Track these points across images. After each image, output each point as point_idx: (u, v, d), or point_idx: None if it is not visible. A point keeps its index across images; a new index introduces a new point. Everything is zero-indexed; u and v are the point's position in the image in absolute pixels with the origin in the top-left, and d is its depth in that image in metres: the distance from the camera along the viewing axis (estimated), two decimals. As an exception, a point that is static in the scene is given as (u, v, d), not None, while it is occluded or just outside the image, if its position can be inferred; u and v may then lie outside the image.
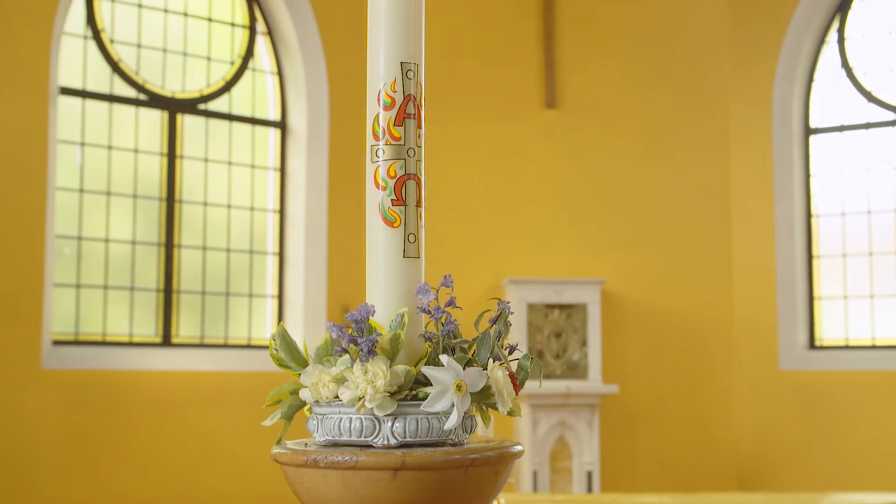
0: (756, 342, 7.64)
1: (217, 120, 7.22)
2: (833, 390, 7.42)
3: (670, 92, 7.91)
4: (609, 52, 7.97)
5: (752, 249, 7.70)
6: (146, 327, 6.81)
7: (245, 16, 7.41)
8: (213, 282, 7.11)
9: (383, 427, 1.53)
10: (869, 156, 7.65)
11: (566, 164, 7.87)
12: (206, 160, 7.14)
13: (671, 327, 7.74)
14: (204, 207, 7.11)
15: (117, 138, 6.79)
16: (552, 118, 7.88)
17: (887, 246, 7.51)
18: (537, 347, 7.35)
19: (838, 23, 7.74)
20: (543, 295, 7.36)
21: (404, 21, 1.62)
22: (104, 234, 6.68)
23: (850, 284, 7.61)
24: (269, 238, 7.40)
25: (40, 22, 6.33)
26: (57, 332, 6.42)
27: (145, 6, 7.00)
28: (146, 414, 6.53)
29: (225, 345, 7.08)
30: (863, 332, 7.55)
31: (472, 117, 7.78)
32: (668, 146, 7.88)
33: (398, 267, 1.61)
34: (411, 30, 1.63)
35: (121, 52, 6.85)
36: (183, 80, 7.12)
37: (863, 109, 7.68)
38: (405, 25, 1.62)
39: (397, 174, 1.61)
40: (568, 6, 7.96)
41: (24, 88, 6.26)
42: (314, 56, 7.38)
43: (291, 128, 7.45)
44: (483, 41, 7.92)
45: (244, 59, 7.37)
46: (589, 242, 7.79)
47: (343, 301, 7.21)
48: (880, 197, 7.58)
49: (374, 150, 1.62)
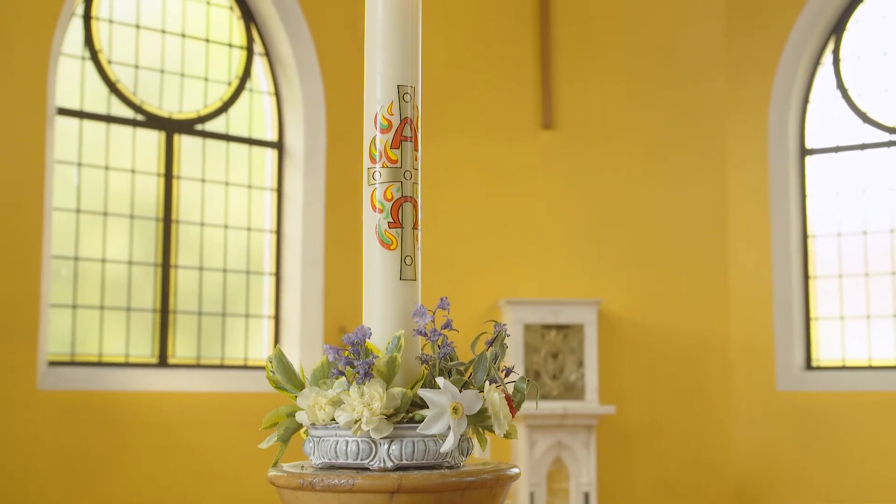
0: (753, 363, 7.63)
1: (214, 140, 7.23)
2: (830, 411, 7.42)
3: (666, 113, 7.93)
4: (605, 73, 7.99)
5: (749, 270, 7.71)
6: (142, 348, 6.80)
7: (243, 37, 7.43)
8: (209, 302, 7.11)
9: (380, 450, 1.53)
10: (865, 177, 7.66)
11: (562, 184, 7.89)
12: (202, 180, 7.15)
13: (668, 348, 7.74)
14: (201, 228, 7.12)
15: (114, 159, 6.80)
16: (548, 139, 7.90)
17: (883, 267, 7.52)
18: (534, 368, 7.34)
19: (833, 44, 7.77)
20: (540, 315, 7.36)
21: (401, 45, 1.63)
22: (101, 254, 6.68)
23: (846, 305, 7.62)
24: (265, 258, 7.40)
25: (38, 43, 6.34)
26: (53, 353, 6.41)
27: (143, 27, 7.02)
28: (142, 435, 6.51)
29: (221, 365, 7.07)
30: (859, 352, 7.55)
31: (468, 138, 7.80)
32: (665, 167, 7.90)
33: (395, 289, 1.61)
34: (408, 53, 1.63)
35: (118, 72, 6.87)
36: (180, 101, 7.13)
37: (858, 130, 7.70)
38: (402, 49, 1.63)
39: (394, 197, 1.61)
40: (564, 28, 7.98)
41: (21, 109, 6.27)
42: (311, 77, 7.40)
43: (288, 148, 7.47)
44: (479, 62, 7.94)
45: (241, 79, 7.39)
46: (585, 263, 7.79)
47: (340, 322, 7.20)
48: (876, 218, 7.59)
49: (370, 172, 1.63)
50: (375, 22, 1.63)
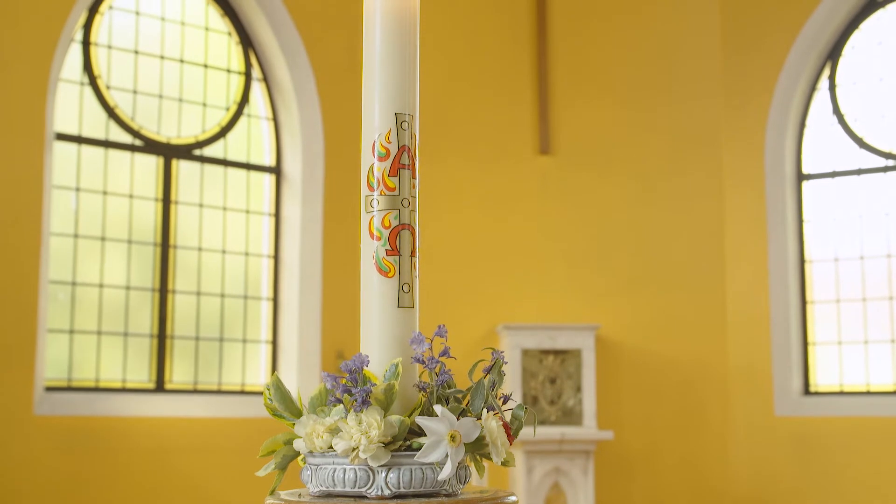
0: (751, 388, 7.63)
1: (212, 165, 7.24)
2: (828, 436, 7.40)
3: (663, 139, 7.96)
4: (602, 99, 8.02)
5: (747, 295, 7.71)
6: (139, 373, 6.79)
7: (241, 62, 7.45)
8: (206, 327, 7.10)
9: (377, 478, 1.53)
10: (861, 202, 7.68)
11: (560, 209, 7.90)
12: (200, 205, 7.16)
13: (666, 373, 7.73)
14: (198, 253, 7.12)
15: (112, 184, 6.81)
16: (546, 164, 7.92)
17: (881, 292, 7.53)
18: (532, 393, 7.33)
19: (829, 70, 7.80)
20: (538, 340, 7.36)
21: (399, 73, 1.64)
22: (98, 279, 6.68)
23: (844, 330, 7.62)
24: (263, 283, 7.39)
25: (37, 68, 6.36)
26: (50, 378, 6.40)
27: (142, 53, 7.04)
28: (139, 460, 6.49)
29: (218, 391, 7.06)
30: (857, 378, 7.54)
31: (465, 163, 7.81)
32: (662, 192, 7.91)
33: (393, 317, 1.62)
34: (406, 81, 1.64)
35: (117, 98, 6.89)
36: (178, 126, 7.14)
37: (855, 155, 7.72)
38: (400, 77, 1.64)
39: (392, 224, 1.62)
40: (561, 53, 8.02)
41: (20, 134, 6.28)
42: (309, 102, 7.42)
43: (286, 173, 7.48)
44: (476, 88, 7.97)
45: (240, 105, 7.40)
46: (583, 288, 7.79)
47: (337, 347, 7.20)
48: (873, 243, 7.60)
49: (368, 200, 1.63)
50: (373, 50, 1.64)
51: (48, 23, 6.42)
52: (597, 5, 8.11)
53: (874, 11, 7.73)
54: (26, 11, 6.34)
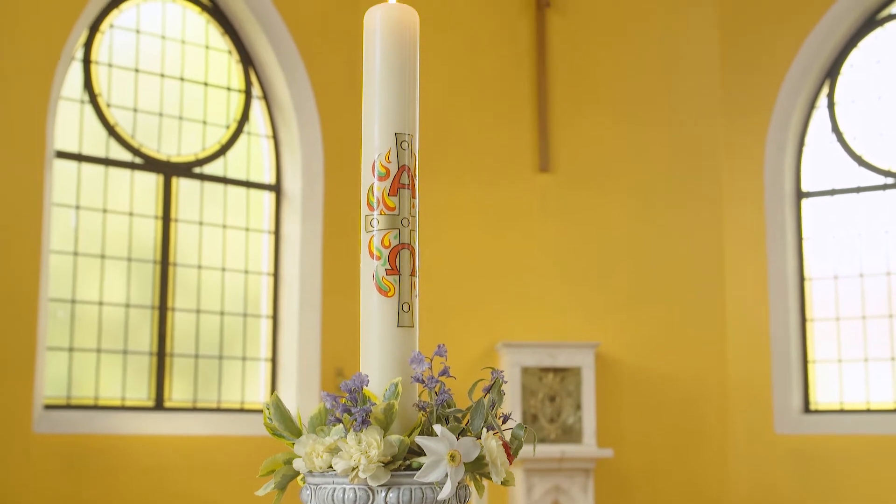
0: (751, 406, 7.62)
1: (212, 183, 7.25)
2: (828, 454, 7.39)
3: (663, 156, 7.97)
4: (602, 117, 8.03)
5: (746, 312, 7.71)
6: (139, 391, 6.78)
7: (241, 80, 7.47)
8: (206, 345, 7.09)
9: (377, 497, 1.53)
10: (860, 219, 7.69)
11: (560, 227, 7.90)
12: (200, 223, 7.16)
13: (666, 391, 7.72)
14: (198, 270, 7.12)
15: (112, 202, 6.82)
16: (546, 182, 7.92)
17: (880, 310, 7.53)
18: (531, 411, 7.32)
19: (828, 88, 7.82)
20: (537, 358, 7.35)
21: (399, 93, 1.64)
22: (98, 297, 6.68)
23: (843, 348, 7.61)
24: (263, 301, 7.39)
25: (37, 86, 6.37)
26: (49, 396, 6.39)
27: (142, 71, 7.06)
28: (138, 478, 6.47)
29: (218, 409, 7.05)
30: (857, 396, 7.53)
31: (465, 181, 7.82)
32: (661, 210, 7.92)
33: (392, 336, 1.62)
34: (406, 101, 1.65)
35: (117, 116, 6.90)
36: (178, 144, 7.16)
37: (854, 173, 7.73)
38: (400, 97, 1.64)
39: (391, 244, 1.62)
40: (560, 71, 8.03)
41: (20, 152, 6.29)
42: (309, 120, 7.43)
43: (286, 191, 7.48)
44: (476, 106, 7.98)
45: (240, 123, 7.42)
46: (583, 306, 7.79)
47: (337, 364, 7.19)
48: (872, 260, 7.60)
49: (368, 219, 1.64)
50: (373, 71, 1.65)
51: (49, 41, 6.43)
52: (596, 24, 8.13)
53: (873, 30, 7.76)
54: (27, 29, 6.36)
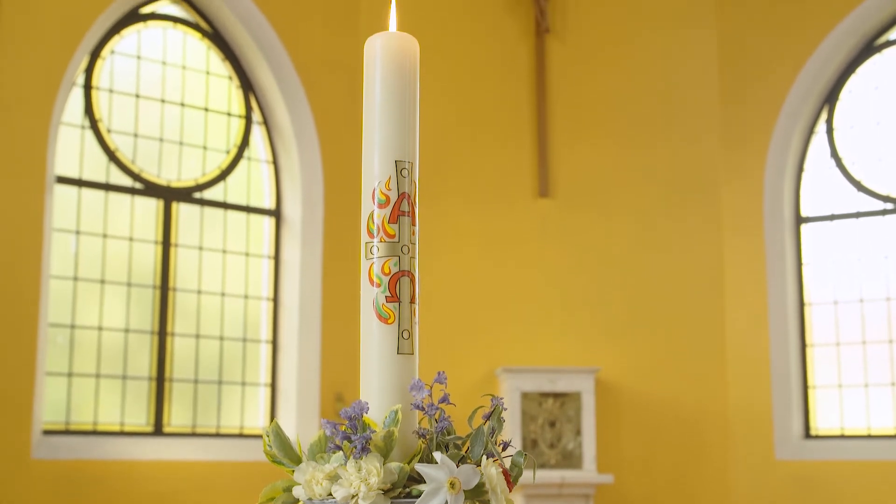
0: (751, 431, 7.60)
1: (212, 208, 7.26)
2: (829, 480, 7.37)
3: (662, 182, 7.98)
4: (602, 141, 8.05)
5: (746, 338, 7.70)
6: (138, 416, 6.77)
7: (241, 106, 7.49)
8: (205, 370, 7.08)
9: (377, 525, 1.52)
10: (860, 245, 7.69)
11: (559, 252, 7.91)
12: (200, 248, 7.17)
13: (666, 416, 7.71)
14: (198, 295, 7.12)
15: (112, 227, 6.82)
16: (545, 207, 7.93)
17: (880, 335, 7.52)
18: (531, 436, 7.31)
19: (827, 114, 7.84)
20: (537, 384, 7.34)
21: (399, 120, 1.65)
22: (97, 322, 6.67)
23: (844, 373, 7.60)
24: (262, 326, 7.39)
25: (38, 111, 6.39)
26: (47, 422, 6.38)
27: (143, 97, 7.08)
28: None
29: (217, 434, 7.03)
30: (858, 421, 7.52)
31: (464, 206, 7.83)
32: (661, 235, 7.92)
33: (392, 363, 1.61)
34: (406, 129, 1.65)
35: (117, 141, 6.92)
36: (179, 169, 7.17)
37: (853, 199, 7.74)
38: (400, 125, 1.65)
39: (391, 271, 1.62)
40: (559, 96, 8.06)
41: (21, 177, 6.30)
42: (309, 145, 7.45)
43: (286, 216, 7.49)
44: (475, 131, 8.00)
45: (240, 148, 7.43)
46: (582, 331, 7.78)
47: (336, 390, 7.18)
48: (872, 286, 7.60)
49: (368, 246, 1.64)
50: (373, 98, 1.66)
51: (50, 67, 6.46)
52: (595, 49, 8.16)
53: (871, 56, 7.79)
54: (28, 55, 6.39)
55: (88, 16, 6.63)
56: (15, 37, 6.36)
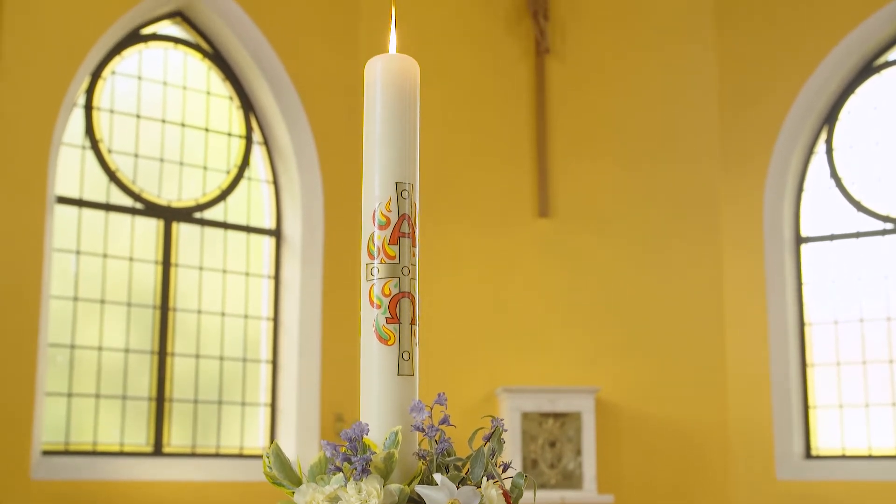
0: (752, 451, 7.58)
1: (212, 228, 7.26)
2: (831, 501, 7.34)
3: (662, 202, 7.99)
4: (601, 162, 8.06)
5: (747, 358, 7.70)
6: (137, 436, 6.76)
7: (242, 126, 7.50)
8: (205, 390, 7.08)
9: (377, 547, 1.52)
10: (860, 264, 7.69)
11: (559, 272, 7.91)
12: (200, 268, 7.17)
13: (666, 436, 7.69)
14: (198, 315, 7.12)
15: (113, 247, 6.83)
16: (545, 227, 7.94)
17: (881, 355, 7.51)
18: (531, 457, 7.29)
19: (826, 134, 7.85)
20: (537, 404, 7.33)
21: (399, 142, 1.65)
22: (97, 342, 6.67)
23: (844, 393, 7.59)
24: (262, 346, 7.38)
25: (39, 132, 6.40)
26: (47, 442, 6.36)
27: (143, 117, 7.09)
28: (136, 525, 6.44)
29: (217, 454, 7.02)
30: (859, 441, 7.50)
31: (465, 226, 7.84)
32: (661, 255, 7.92)
33: (392, 385, 1.61)
34: (406, 150, 1.66)
35: (118, 161, 6.93)
36: (179, 189, 7.18)
37: (853, 218, 7.75)
38: (400, 146, 1.65)
39: (392, 292, 1.62)
40: (559, 117, 8.07)
41: (21, 197, 6.31)
42: (309, 165, 7.46)
43: (286, 236, 7.50)
44: (475, 151, 8.02)
45: (240, 168, 7.45)
46: (583, 351, 7.78)
47: (336, 410, 7.16)
48: (872, 305, 7.60)
49: (368, 268, 1.64)
50: (374, 120, 1.66)
51: (51, 87, 6.47)
52: (595, 70, 8.18)
53: (870, 77, 7.81)
54: (30, 76, 6.40)
55: (90, 36, 6.65)
56: (16, 57, 6.37)
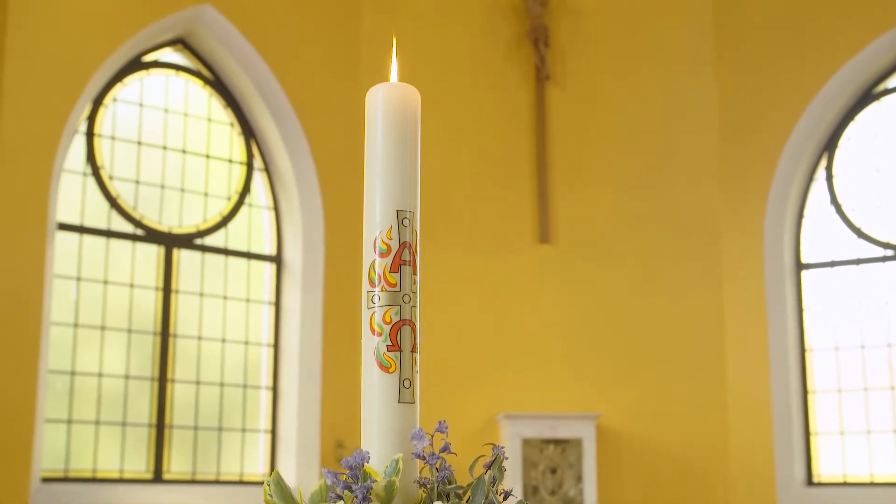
0: (753, 478, 7.55)
1: (213, 254, 7.27)
2: (832, 528, 7.32)
3: (663, 227, 7.99)
4: (602, 188, 8.07)
5: (747, 384, 7.68)
6: (137, 463, 6.74)
7: (243, 152, 7.52)
8: (205, 416, 7.06)
9: (377, 575, 1.52)
10: (860, 291, 7.69)
11: (560, 298, 7.90)
12: (201, 294, 7.17)
13: (667, 463, 7.67)
14: (198, 342, 7.11)
15: (113, 273, 6.83)
16: (545, 253, 7.94)
17: (882, 381, 7.50)
18: (532, 483, 7.27)
19: (826, 161, 7.87)
20: (538, 430, 7.31)
21: (400, 170, 1.65)
22: (97, 368, 6.66)
23: (846, 420, 7.57)
24: (262, 372, 7.37)
25: (41, 159, 6.42)
26: (46, 469, 6.35)
27: (144, 143, 7.11)
28: (135, 552, 6.41)
29: (217, 481, 7.00)
30: (860, 468, 7.48)
31: (465, 253, 7.84)
32: (661, 281, 7.92)
33: (393, 412, 1.61)
34: (407, 178, 1.66)
35: (119, 188, 6.94)
36: (180, 216, 7.19)
37: (853, 245, 7.75)
38: (401, 175, 1.65)
39: (393, 320, 1.62)
40: (560, 143, 8.09)
41: (22, 224, 6.32)
42: (310, 192, 7.47)
43: (286, 262, 7.50)
44: (476, 178, 8.03)
45: (241, 194, 7.46)
46: (584, 377, 7.77)
47: (336, 436, 7.15)
48: (873, 332, 7.59)
49: (369, 296, 1.64)
50: (375, 149, 1.67)
51: (52, 114, 6.49)
52: (595, 96, 8.20)
53: (869, 104, 7.83)
54: (31, 103, 6.42)
55: (91, 63, 6.68)
56: (18, 84, 6.40)
